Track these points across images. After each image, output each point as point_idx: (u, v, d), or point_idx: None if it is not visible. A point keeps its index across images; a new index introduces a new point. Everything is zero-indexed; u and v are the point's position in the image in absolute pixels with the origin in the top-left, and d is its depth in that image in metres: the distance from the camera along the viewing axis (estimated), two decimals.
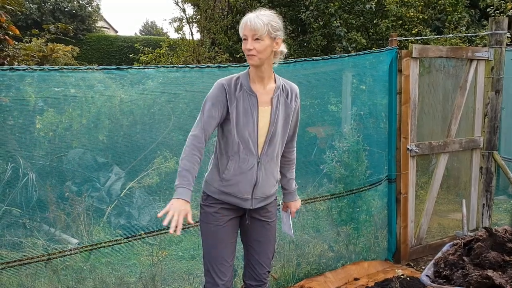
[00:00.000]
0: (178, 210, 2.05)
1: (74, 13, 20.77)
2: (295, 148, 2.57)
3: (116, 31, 33.29)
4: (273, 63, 2.31)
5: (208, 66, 3.15)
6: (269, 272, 2.53)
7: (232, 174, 2.30)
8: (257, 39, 2.16)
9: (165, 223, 2.04)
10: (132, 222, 3.68)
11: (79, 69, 2.86)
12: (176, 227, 2.02)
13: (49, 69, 2.70)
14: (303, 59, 3.62)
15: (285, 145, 2.46)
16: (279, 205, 2.68)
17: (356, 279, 3.72)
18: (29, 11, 18.08)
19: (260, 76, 2.28)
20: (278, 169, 2.46)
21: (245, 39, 2.20)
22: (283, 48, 2.29)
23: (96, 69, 2.75)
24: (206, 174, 2.43)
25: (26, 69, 2.49)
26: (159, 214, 2.06)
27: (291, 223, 2.66)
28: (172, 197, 2.11)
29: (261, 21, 2.15)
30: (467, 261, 2.61)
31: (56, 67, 2.74)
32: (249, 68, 2.31)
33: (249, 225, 2.45)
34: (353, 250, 3.90)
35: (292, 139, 2.51)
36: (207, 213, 2.38)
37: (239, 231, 2.50)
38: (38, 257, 2.72)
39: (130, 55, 12.79)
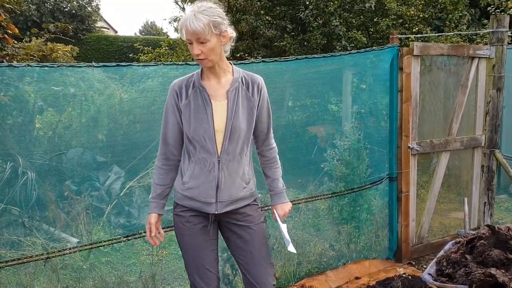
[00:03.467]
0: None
1: (73, 13, 20.79)
2: (275, 146, 2.36)
3: (116, 31, 33.30)
4: (225, 52, 2.14)
5: None
6: (271, 275, 2.31)
7: (192, 176, 2.15)
8: (202, 42, 1.99)
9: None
10: (132, 221, 3.66)
11: (79, 66, 2.84)
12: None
13: (48, 66, 2.68)
14: (304, 56, 3.60)
15: (261, 143, 2.30)
16: (266, 206, 2.53)
17: (357, 278, 3.70)
18: (28, 12, 18.06)
19: (212, 72, 2.14)
20: (247, 169, 2.22)
21: (190, 43, 2.02)
22: (231, 34, 2.10)
23: (96, 66, 2.73)
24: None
25: (25, 66, 2.47)
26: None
27: (286, 234, 2.33)
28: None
29: (201, 22, 1.95)
30: (469, 259, 2.59)
31: (56, 64, 2.72)
32: None
33: (228, 234, 2.27)
34: (354, 249, 3.88)
35: (268, 136, 2.30)
36: (178, 223, 2.24)
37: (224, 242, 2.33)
38: (37, 256, 2.69)
39: (130, 55, 12.78)
